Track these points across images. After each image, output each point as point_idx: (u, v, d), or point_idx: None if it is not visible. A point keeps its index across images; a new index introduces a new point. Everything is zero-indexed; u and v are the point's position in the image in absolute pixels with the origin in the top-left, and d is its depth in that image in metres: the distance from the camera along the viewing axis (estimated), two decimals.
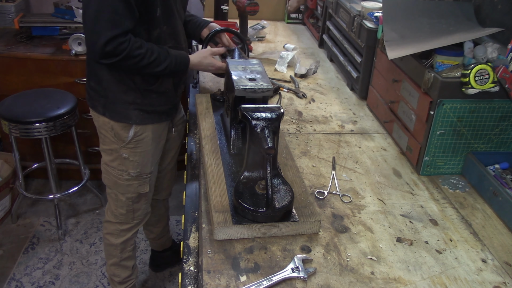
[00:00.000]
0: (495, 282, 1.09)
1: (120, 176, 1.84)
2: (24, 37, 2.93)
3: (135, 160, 1.81)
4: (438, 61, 1.44)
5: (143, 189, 1.90)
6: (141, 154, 1.81)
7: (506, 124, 1.43)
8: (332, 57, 2.41)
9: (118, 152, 1.79)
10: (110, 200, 1.96)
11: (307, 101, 1.96)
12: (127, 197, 1.90)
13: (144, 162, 1.84)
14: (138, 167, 1.83)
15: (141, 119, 1.73)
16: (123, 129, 1.73)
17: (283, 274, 1.04)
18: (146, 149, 1.81)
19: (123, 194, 1.89)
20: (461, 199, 1.39)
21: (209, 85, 2.01)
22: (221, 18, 2.50)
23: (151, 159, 1.86)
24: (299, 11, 3.00)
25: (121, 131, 1.74)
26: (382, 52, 1.73)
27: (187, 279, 1.11)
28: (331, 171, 1.47)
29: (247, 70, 1.44)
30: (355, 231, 1.23)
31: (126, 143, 1.76)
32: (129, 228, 2.00)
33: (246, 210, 1.13)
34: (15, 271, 2.50)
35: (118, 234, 2.01)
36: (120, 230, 2.00)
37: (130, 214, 1.96)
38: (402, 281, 1.07)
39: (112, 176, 1.86)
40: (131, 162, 1.81)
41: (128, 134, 1.74)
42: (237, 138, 1.42)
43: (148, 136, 1.79)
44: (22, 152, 2.81)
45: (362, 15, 1.96)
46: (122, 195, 1.89)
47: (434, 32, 1.54)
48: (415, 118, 1.49)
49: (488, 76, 1.30)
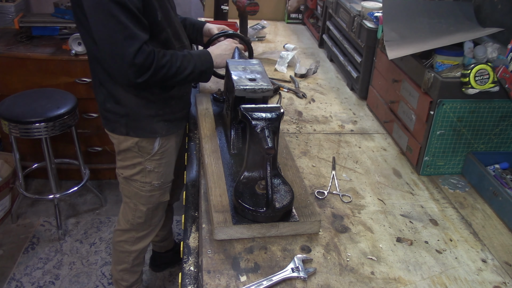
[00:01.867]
0: (495, 282, 1.09)
1: (143, 188, 1.80)
2: (24, 37, 2.93)
3: (160, 171, 1.79)
4: (438, 61, 1.44)
5: (164, 198, 1.89)
6: (166, 165, 1.80)
7: (506, 124, 1.43)
8: (332, 57, 2.41)
9: (142, 165, 1.75)
10: (127, 209, 1.91)
11: (307, 101, 1.96)
12: (148, 207, 1.87)
13: (167, 171, 1.83)
14: (162, 177, 1.81)
15: (166, 130, 1.71)
16: (148, 142, 1.70)
17: (283, 274, 1.04)
18: (170, 158, 1.81)
19: (144, 205, 1.86)
20: (461, 199, 1.39)
21: (209, 85, 2.01)
22: (221, 18, 2.50)
23: (172, 168, 1.86)
24: (299, 11, 3.00)
25: (146, 145, 1.71)
26: (382, 52, 1.73)
27: (187, 279, 1.11)
28: (331, 171, 1.47)
29: (247, 70, 1.44)
30: (355, 231, 1.23)
31: (151, 155, 1.73)
32: (145, 234, 1.97)
33: (246, 210, 1.13)
34: (15, 271, 2.50)
35: (133, 242, 1.97)
36: (136, 238, 1.96)
37: (147, 222, 1.93)
38: (402, 281, 1.07)
39: (133, 187, 1.82)
40: (156, 174, 1.78)
41: (153, 146, 1.71)
42: (237, 138, 1.42)
43: (172, 146, 1.78)
44: (22, 152, 2.81)
45: (362, 15, 1.96)
46: (143, 205, 1.86)
47: (434, 32, 1.54)
48: (415, 118, 1.49)
49: (488, 76, 1.30)
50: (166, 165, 1.80)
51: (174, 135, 1.76)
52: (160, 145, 1.72)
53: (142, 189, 1.80)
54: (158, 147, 1.72)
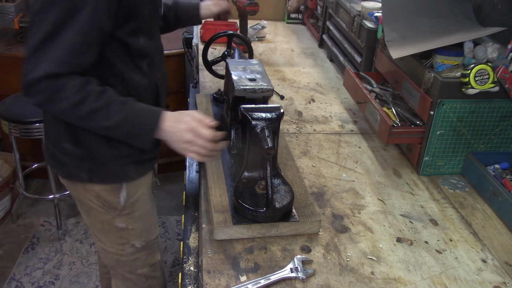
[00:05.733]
0: (495, 282, 1.09)
1: (122, 252, 1.49)
2: (24, 37, 2.93)
3: (136, 228, 1.47)
4: (438, 61, 1.44)
5: (153, 259, 1.57)
6: (141, 218, 1.47)
7: (506, 124, 1.43)
8: (332, 57, 2.41)
9: (111, 223, 1.43)
10: (116, 282, 1.61)
11: (307, 101, 1.96)
12: (138, 274, 1.56)
13: (147, 226, 1.51)
14: (141, 235, 1.49)
15: (136, 173, 1.40)
16: (111, 193, 1.38)
17: (281, 274, 1.04)
18: (145, 210, 1.48)
19: (131, 272, 1.55)
20: (461, 199, 1.39)
21: (209, 85, 2.01)
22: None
23: (154, 220, 1.55)
24: (299, 11, 3.00)
25: (110, 197, 1.38)
26: (382, 52, 1.73)
27: (187, 279, 1.11)
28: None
29: (247, 70, 1.44)
30: (355, 231, 1.23)
31: (119, 210, 1.41)
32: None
33: (246, 210, 1.13)
34: (15, 271, 2.50)
35: None
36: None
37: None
38: (402, 281, 1.07)
39: (110, 254, 1.51)
40: (131, 232, 1.46)
41: (120, 198, 1.39)
42: (237, 138, 1.42)
43: (144, 193, 1.46)
44: (22, 152, 2.80)
45: (362, 15, 1.96)
46: (130, 273, 1.55)
47: (435, 31, 1.54)
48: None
49: (488, 76, 1.30)
50: (141, 219, 1.47)
51: (144, 180, 1.44)
52: (126, 196, 1.40)
53: (122, 253, 1.49)
54: (124, 199, 1.40)
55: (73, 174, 1.36)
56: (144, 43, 1.26)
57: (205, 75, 2.12)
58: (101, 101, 1.14)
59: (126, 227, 1.45)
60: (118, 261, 1.52)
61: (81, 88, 1.12)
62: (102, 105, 1.14)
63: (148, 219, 1.51)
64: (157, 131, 1.18)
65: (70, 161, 1.33)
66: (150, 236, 1.53)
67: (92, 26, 1.10)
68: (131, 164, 1.37)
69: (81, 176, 1.34)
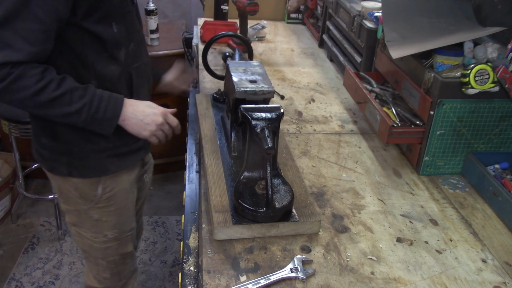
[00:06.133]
0: (495, 282, 1.09)
1: (95, 239, 1.52)
2: None
3: (110, 220, 1.49)
4: (438, 61, 1.44)
5: (125, 249, 1.60)
6: (116, 212, 1.48)
7: (506, 124, 1.43)
8: (332, 57, 2.41)
9: (87, 213, 1.46)
10: (89, 264, 1.65)
11: (307, 101, 1.96)
12: (108, 260, 1.60)
13: (121, 220, 1.52)
14: (115, 227, 1.51)
15: (117, 166, 1.41)
16: (90, 186, 1.40)
17: (280, 274, 1.04)
18: (121, 205, 1.48)
19: (103, 259, 1.59)
20: (461, 199, 1.39)
21: (209, 85, 2.01)
22: (221, 18, 2.50)
23: (130, 215, 1.56)
24: (299, 11, 3.00)
25: (87, 190, 1.40)
26: (382, 52, 1.73)
27: (187, 279, 1.11)
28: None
29: (248, 72, 1.43)
30: (355, 231, 1.23)
31: (95, 202, 1.43)
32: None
33: (246, 210, 1.13)
34: (15, 271, 2.50)
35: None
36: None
37: (116, 277, 1.66)
38: (402, 281, 1.07)
39: (85, 239, 1.54)
40: (105, 223, 1.49)
41: (96, 191, 1.40)
42: (238, 141, 1.41)
43: (122, 189, 1.46)
44: (22, 152, 2.80)
45: (362, 15, 1.96)
46: (102, 259, 1.59)
47: (435, 31, 1.54)
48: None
49: (488, 76, 1.30)
50: (116, 213, 1.48)
51: (125, 175, 1.45)
52: (103, 190, 1.41)
53: (96, 240, 1.52)
54: (101, 192, 1.41)
55: (54, 167, 1.39)
56: (119, 31, 1.25)
57: (205, 75, 2.12)
58: (62, 87, 1.15)
59: (100, 219, 1.47)
60: (91, 246, 1.55)
61: (41, 77, 1.13)
62: (64, 91, 1.15)
63: (123, 213, 1.52)
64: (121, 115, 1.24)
65: (50, 155, 1.37)
66: (124, 228, 1.55)
67: (48, 14, 1.10)
68: (110, 158, 1.38)
69: (61, 170, 1.38)
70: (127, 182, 1.48)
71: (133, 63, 1.35)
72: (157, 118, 1.29)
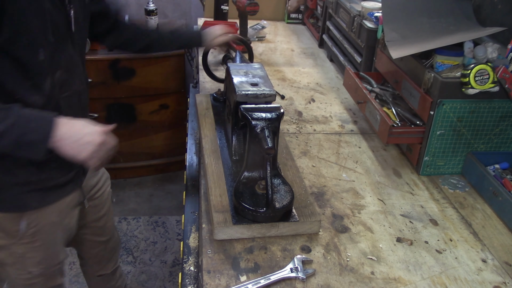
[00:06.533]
0: (495, 282, 1.09)
1: (20, 276, 1.37)
2: None
3: (35, 256, 1.34)
4: (438, 61, 1.44)
5: (53, 283, 1.45)
6: (44, 247, 1.35)
7: (506, 124, 1.43)
8: (332, 57, 2.41)
9: (10, 249, 1.31)
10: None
11: (307, 101, 1.96)
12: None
13: (48, 254, 1.38)
14: (41, 263, 1.37)
15: (40, 201, 1.27)
16: (11, 221, 1.26)
17: (280, 274, 1.04)
18: (48, 239, 1.35)
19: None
20: (461, 199, 1.39)
21: (209, 85, 2.01)
22: (221, 18, 2.50)
23: (58, 248, 1.41)
24: (299, 11, 3.00)
25: (8, 225, 1.27)
26: (382, 52, 1.73)
27: (187, 279, 1.11)
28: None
29: (249, 74, 1.41)
30: (355, 231, 1.23)
31: (18, 238, 1.29)
32: None
33: (246, 210, 1.13)
34: None
35: None
36: None
37: None
38: (402, 281, 1.08)
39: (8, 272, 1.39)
40: (29, 260, 1.34)
41: (19, 226, 1.27)
42: (239, 144, 1.39)
43: (49, 223, 1.33)
44: None
45: (362, 15, 1.96)
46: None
47: (435, 31, 1.54)
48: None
49: (488, 76, 1.30)
50: (43, 248, 1.34)
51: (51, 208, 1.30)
52: (27, 225, 1.27)
53: (20, 277, 1.38)
54: (25, 227, 1.27)
55: None
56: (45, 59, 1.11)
57: (205, 75, 2.12)
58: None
59: (24, 256, 1.33)
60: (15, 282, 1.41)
61: None
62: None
63: (51, 247, 1.38)
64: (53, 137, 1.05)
65: None
66: (52, 262, 1.40)
67: None
68: (32, 192, 1.24)
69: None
70: (55, 215, 1.34)
71: (62, 92, 1.21)
72: (96, 137, 1.10)
